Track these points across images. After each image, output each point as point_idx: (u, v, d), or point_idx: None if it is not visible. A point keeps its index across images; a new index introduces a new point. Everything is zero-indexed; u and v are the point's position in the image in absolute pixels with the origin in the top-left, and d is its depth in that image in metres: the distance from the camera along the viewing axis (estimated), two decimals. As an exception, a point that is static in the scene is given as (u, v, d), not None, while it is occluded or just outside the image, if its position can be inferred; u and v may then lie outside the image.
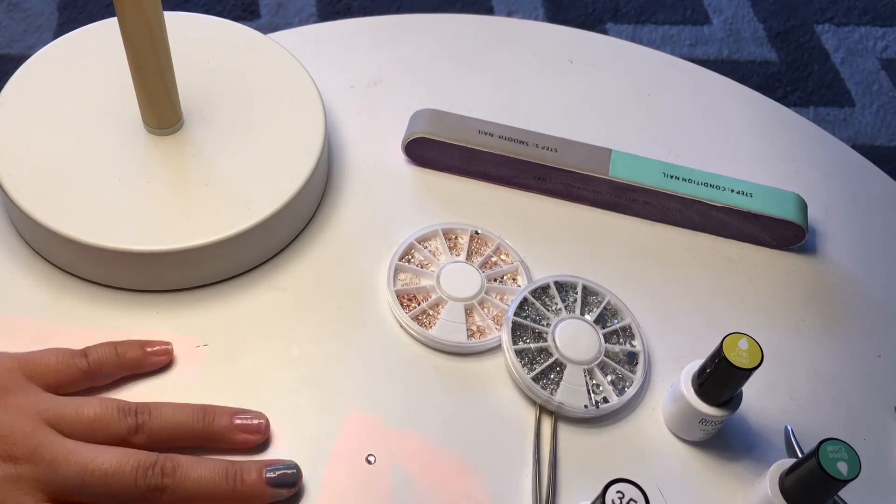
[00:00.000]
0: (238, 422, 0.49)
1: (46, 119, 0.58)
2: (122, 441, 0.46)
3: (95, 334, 0.53)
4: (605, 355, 0.55)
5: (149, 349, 0.51)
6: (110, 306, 0.55)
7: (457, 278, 0.57)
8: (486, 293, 0.57)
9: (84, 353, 0.49)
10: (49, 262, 0.56)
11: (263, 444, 0.49)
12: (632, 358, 0.55)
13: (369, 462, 0.50)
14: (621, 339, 0.56)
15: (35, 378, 0.47)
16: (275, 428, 0.51)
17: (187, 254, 0.53)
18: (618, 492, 0.42)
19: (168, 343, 0.52)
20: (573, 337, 0.55)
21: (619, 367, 0.54)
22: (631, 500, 0.42)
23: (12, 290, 0.55)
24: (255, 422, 0.49)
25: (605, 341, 0.55)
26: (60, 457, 0.43)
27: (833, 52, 1.61)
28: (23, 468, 0.43)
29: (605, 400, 0.53)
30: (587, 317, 0.56)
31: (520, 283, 0.58)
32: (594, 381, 0.54)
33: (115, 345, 0.50)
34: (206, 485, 0.45)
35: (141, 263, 0.53)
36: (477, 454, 0.51)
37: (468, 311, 0.56)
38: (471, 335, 0.55)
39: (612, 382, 0.54)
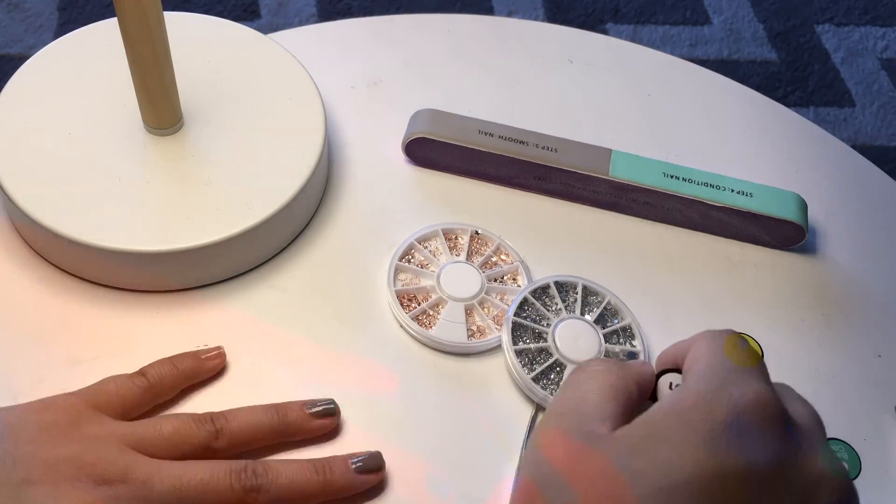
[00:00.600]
0: (310, 410, 0.49)
1: (46, 119, 0.58)
2: (204, 449, 0.46)
3: (95, 334, 0.53)
4: (605, 355, 0.55)
5: (203, 356, 0.52)
6: (110, 306, 0.55)
7: (457, 278, 0.57)
8: (486, 293, 0.57)
9: (142, 372, 0.49)
10: (49, 262, 0.56)
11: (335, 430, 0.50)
12: (632, 358, 0.55)
13: (367, 493, 0.49)
14: (621, 340, 0.56)
15: (102, 408, 0.47)
16: (275, 428, 0.51)
17: (187, 254, 0.53)
18: (670, 382, 0.43)
19: (220, 347, 0.52)
20: (573, 337, 0.55)
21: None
22: (678, 385, 0.43)
23: (12, 290, 0.55)
24: (326, 407, 0.50)
25: (605, 341, 0.55)
26: (154, 474, 0.43)
27: (833, 52, 1.61)
28: (119, 489, 0.42)
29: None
30: (587, 317, 0.56)
31: (520, 283, 0.58)
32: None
33: (170, 359, 0.51)
34: (298, 480, 0.46)
35: (141, 263, 0.53)
36: (477, 454, 0.51)
37: (468, 312, 0.56)
38: (471, 335, 0.55)
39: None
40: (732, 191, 0.61)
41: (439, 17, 0.76)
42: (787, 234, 0.62)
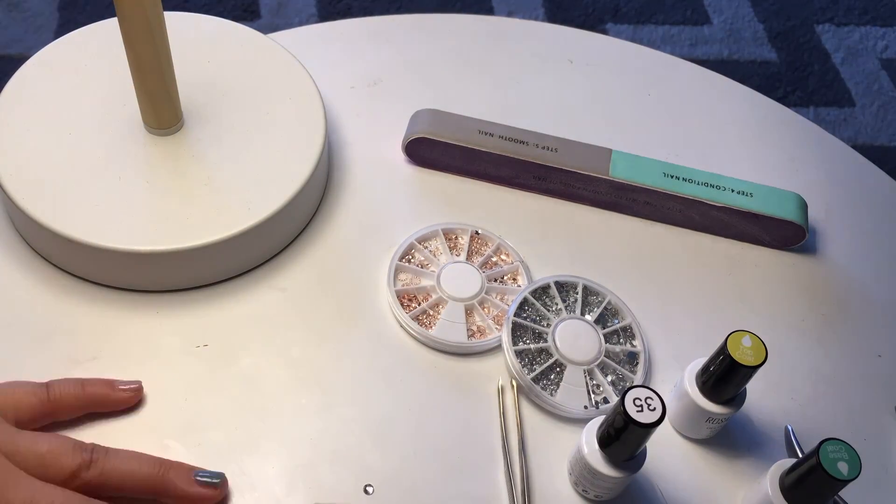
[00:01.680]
0: (197, 476, 0.47)
1: (47, 119, 0.58)
2: (72, 477, 0.44)
3: (95, 334, 0.53)
4: (605, 355, 0.55)
5: (118, 386, 0.50)
6: (110, 306, 0.55)
7: (457, 278, 0.57)
8: (486, 293, 0.57)
9: (47, 385, 0.48)
10: (49, 262, 0.56)
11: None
12: (632, 358, 0.55)
13: (367, 492, 0.49)
14: (622, 340, 0.56)
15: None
16: (275, 427, 0.51)
17: (187, 254, 0.53)
18: (635, 397, 0.44)
19: (138, 382, 0.51)
20: (573, 337, 0.55)
21: (619, 367, 0.54)
22: (648, 398, 0.43)
23: (12, 290, 0.55)
24: (212, 479, 0.47)
25: (606, 341, 0.55)
26: (13, 490, 0.42)
27: (833, 52, 1.61)
28: None
29: (606, 400, 0.53)
30: (587, 317, 0.56)
31: (520, 283, 0.58)
32: (594, 382, 0.54)
33: (80, 380, 0.49)
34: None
35: (141, 263, 0.53)
36: (477, 454, 0.51)
37: (468, 311, 0.56)
38: (471, 335, 0.55)
39: (613, 383, 0.54)
40: (732, 191, 0.61)
41: (439, 17, 0.76)
42: (787, 234, 0.62)
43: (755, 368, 0.47)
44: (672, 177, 0.62)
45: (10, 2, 1.50)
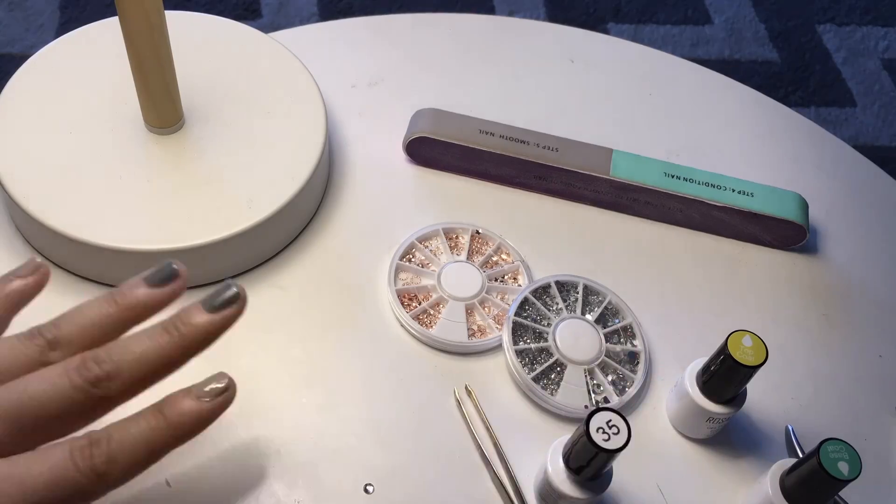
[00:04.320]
0: (146, 278, 0.41)
1: (48, 118, 0.58)
2: (39, 366, 0.39)
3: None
4: (605, 355, 0.55)
5: (15, 276, 0.43)
6: (111, 305, 0.55)
7: (458, 277, 0.57)
8: (486, 293, 0.57)
9: None
10: (49, 260, 0.56)
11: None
12: (633, 358, 0.55)
13: (367, 492, 0.49)
14: (622, 339, 0.56)
15: None
16: (275, 427, 0.51)
17: (188, 253, 0.53)
18: (598, 425, 0.43)
19: (33, 259, 0.43)
20: (574, 337, 0.55)
21: (619, 366, 0.54)
22: (613, 425, 0.42)
23: (13, 289, 0.55)
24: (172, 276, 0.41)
25: (606, 341, 0.55)
26: None
27: (834, 52, 1.60)
28: None
29: (606, 400, 0.53)
30: (588, 316, 0.56)
31: (520, 282, 0.58)
32: (595, 381, 0.54)
33: None
34: (150, 349, 0.39)
35: (141, 263, 0.53)
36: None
37: (469, 311, 0.56)
38: (471, 335, 0.55)
39: (613, 382, 0.54)
40: (733, 190, 0.61)
41: (440, 17, 0.76)
42: (787, 233, 0.62)
43: (756, 368, 0.47)
44: (673, 176, 0.62)
45: (11, 0, 1.50)
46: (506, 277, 0.58)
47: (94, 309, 0.40)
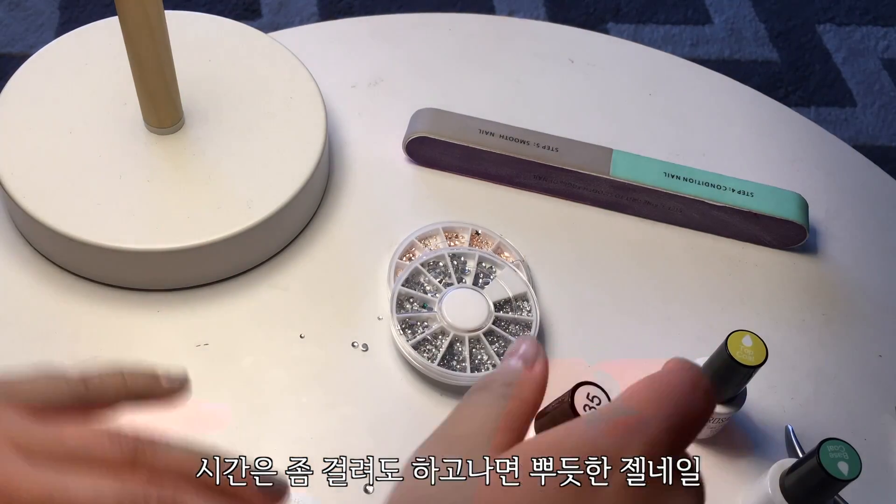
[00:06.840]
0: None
1: (47, 118, 0.58)
2: (104, 467, 0.36)
3: (95, 332, 0.53)
4: (493, 323, 0.54)
5: (166, 379, 0.42)
6: (111, 305, 0.55)
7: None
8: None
9: (84, 380, 0.40)
10: (49, 260, 0.56)
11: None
12: (526, 327, 0.55)
13: (367, 492, 0.49)
14: (513, 310, 0.56)
15: (16, 401, 0.39)
16: (276, 426, 0.51)
17: (188, 253, 0.53)
18: (587, 394, 0.40)
19: (184, 372, 0.42)
20: (461, 306, 0.54)
21: (508, 335, 0.54)
22: (595, 397, 0.40)
23: (12, 290, 0.55)
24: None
25: (496, 310, 0.55)
26: (22, 486, 0.34)
27: (834, 52, 1.60)
28: None
29: (492, 367, 0.53)
30: (481, 288, 0.56)
31: (522, 275, 0.58)
32: (481, 348, 0.54)
33: (122, 372, 0.41)
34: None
35: (141, 263, 0.53)
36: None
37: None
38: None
39: (498, 352, 0.54)
40: (733, 190, 0.61)
41: (440, 17, 0.76)
42: (787, 233, 0.62)
43: (756, 368, 0.47)
44: (673, 176, 0.62)
45: (11, 0, 1.50)
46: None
47: (194, 459, 0.37)
